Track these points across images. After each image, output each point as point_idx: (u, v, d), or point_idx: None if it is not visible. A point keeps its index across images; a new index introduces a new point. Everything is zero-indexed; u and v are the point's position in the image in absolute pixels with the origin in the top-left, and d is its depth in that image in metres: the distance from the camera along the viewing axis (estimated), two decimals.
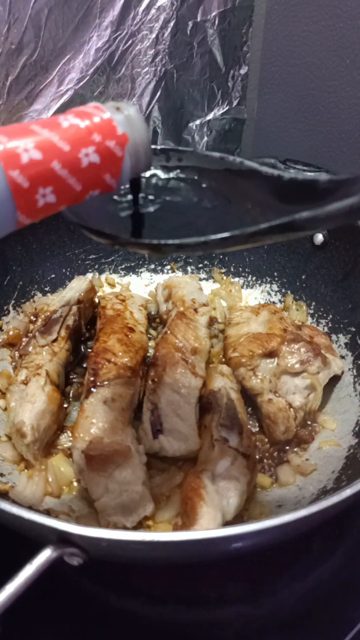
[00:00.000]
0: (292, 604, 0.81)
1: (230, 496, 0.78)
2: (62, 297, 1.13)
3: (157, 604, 0.81)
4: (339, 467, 0.90)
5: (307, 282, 1.22)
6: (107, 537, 0.59)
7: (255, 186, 0.63)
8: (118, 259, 1.34)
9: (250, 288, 1.32)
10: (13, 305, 1.18)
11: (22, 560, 0.59)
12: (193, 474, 0.79)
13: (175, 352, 1.00)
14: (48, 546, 0.60)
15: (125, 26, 1.27)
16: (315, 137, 1.42)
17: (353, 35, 1.25)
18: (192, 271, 1.36)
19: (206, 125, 1.51)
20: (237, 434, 0.87)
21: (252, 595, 0.82)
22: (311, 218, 0.53)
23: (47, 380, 0.94)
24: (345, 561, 0.85)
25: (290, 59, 1.39)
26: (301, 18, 1.33)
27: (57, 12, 1.17)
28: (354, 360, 1.06)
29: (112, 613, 0.79)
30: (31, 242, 1.21)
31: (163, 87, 1.39)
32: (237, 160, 0.65)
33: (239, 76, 1.49)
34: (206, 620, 0.80)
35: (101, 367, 0.94)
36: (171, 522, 0.83)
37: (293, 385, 0.98)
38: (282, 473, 0.91)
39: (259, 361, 1.00)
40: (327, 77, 1.33)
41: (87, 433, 0.84)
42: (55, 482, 0.87)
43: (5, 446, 0.92)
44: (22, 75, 1.19)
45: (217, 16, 1.38)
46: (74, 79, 1.25)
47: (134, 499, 0.80)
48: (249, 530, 0.60)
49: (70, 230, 1.27)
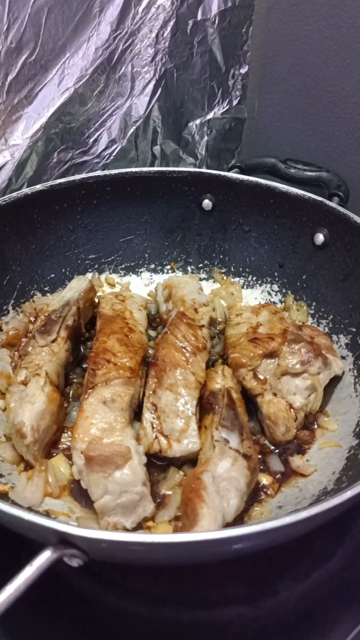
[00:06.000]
0: (293, 605, 0.80)
1: (231, 497, 0.78)
2: (62, 297, 1.13)
3: (157, 604, 0.81)
4: (340, 468, 0.90)
5: (308, 282, 1.22)
6: (107, 538, 0.59)
7: None
8: (118, 258, 1.34)
9: (250, 288, 1.31)
10: (12, 305, 1.18)
11: (22, 562, 0.59)
12: (193, 475, 0.79)
13: (175, 352, 0.99)
14: (48, 547, 0.60)
15: (125, 25, 1.27)
16: (315, 137, 1.42)
17: (354, 34, 1.25)
18: (192, 271, 1.36)
19: (206, 125, 1.51)
20: (237, 434, 0.86)
21: (252, 596, 0.82)
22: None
23: (47, 381, 0.94)
24: (345, 562, 0.85)
25: (290, 58, 1.39)
26: (302, 17, 1.32)
27: (56, 11, 1.17)
28: (354, 361, 1.06)
29: (112, 614, 0.79)
30: (31, 242, 1.21)
31: (163, 86, 1.39)
32: None
33: (239, 75, 1.49)
34: (206, 621, 0.80)
35: (101, 368, 0.94)
36: (171, 523, 0.83)
37: (293, 385, 0.98)
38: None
39: (259, 361, 1.00)
40: (328, 76, 1.33)
41: (87, 433, 0.84)
42: (55, 482, 0.87)
43: (4, 447, 0.92)
44: (21, 75, 1.19)
45: (218, 15, 1.37)
46: (73, 78, 1.25)
47: (134, 500, 0.80)
48: (249, 532, 0.60)
49: (70, 230, 1.27)
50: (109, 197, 1.28)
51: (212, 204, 1.30)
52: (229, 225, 1.32)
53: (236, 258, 1.33)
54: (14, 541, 0.71)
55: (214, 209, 1.31)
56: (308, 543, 0.87)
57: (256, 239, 1.29)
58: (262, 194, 1.24)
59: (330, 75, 1.33)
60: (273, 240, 1.27)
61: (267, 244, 1.28)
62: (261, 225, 1.28)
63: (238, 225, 1.31)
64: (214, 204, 1.30)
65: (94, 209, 1.28)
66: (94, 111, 1.32)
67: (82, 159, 1.37)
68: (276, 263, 1.27)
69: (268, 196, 1.23)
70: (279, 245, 1.26)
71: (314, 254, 1.19)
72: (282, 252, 1.26)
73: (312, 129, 1.42)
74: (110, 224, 1.31)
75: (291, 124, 1.46)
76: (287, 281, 1.26)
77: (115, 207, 1.30)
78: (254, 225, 1.29)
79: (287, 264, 1.26)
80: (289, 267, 1.25)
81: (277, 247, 1.27)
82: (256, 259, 1.30)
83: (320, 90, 1.36)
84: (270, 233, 1.27)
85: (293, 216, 1.22)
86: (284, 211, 1.23)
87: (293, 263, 1.25)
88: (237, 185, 1.26)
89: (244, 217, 1.29)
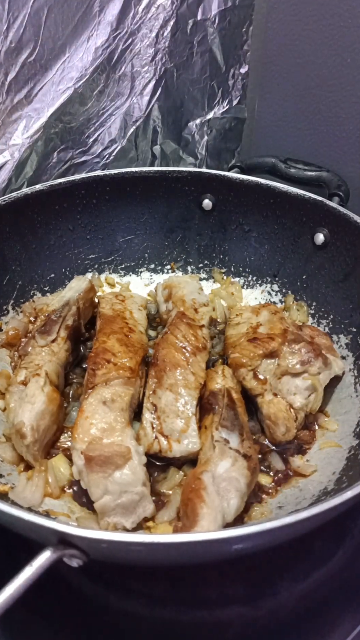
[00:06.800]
0: (293, 605, 0.80)
1: (231, 497, 0.78)
2: (62, 297, 1.13)
3: (157, 605, 0.81)
4: (340, 468, 0.89)
5: (308, 282, 1.22)
6: (107, 538, 0.59)
7: None
8: (118, 258, 1.34)
9: (250, 288, 1.31)
10: (12, 305, 1.17)
11: (22, 562, 0.59)
12: (193, 475, 0.79)
13: (175, 352, 0.99)
14: (48, 548, 0.60)
15: (125, 25, 1.27)
16: (315, 136, 1.42)
17: (354, 34, 1.25)
18: (192, 271, 1.36)
19: (206, 125, 1.51)
20: (237, 434, 0.86)
21: (252, 597, 0.82)
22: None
23: (47, 381, 0.94)
24: (346, 562, 0.85)
25: (291, 57, 1.39)
26: (302, 17, 1.32)
27: (56, 11, 1.17)
28: (354, 361, 1.06)
29: (112, 614, 0.79)
30: (30, 242, 1.21)
31: (163, 86, 1.38)
32: None
33: (240, 75, 1.49)
34: (206, 621, 0.80)
35: (101, 368, 0.94)
36: (171, 523, 0.83)
37: (294, 385, 0.98)
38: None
39: (259, 361, 1.00)
40: (328, 76, 1.33)
41: (87, 434, 0.84)
42: (55, 482, 0.87)
43: (5, 447, 0.92)
44: (21, 74, 1.19)
45: (218, 15, 1.37)
46: (73, 77, 1.25)
47: (134, 500, 0.80)
48: (249, 532, 0.60)
49: (70, 230, 1.27)
50: (108, 197, 1.28)
51: (212, 204, 1.30)
52: (229, 225, 1.31)
53: (236, 258, 1.33)
54: (14, 541, 0.71)
55: (214, 209, 1.31)
56: (308, 543, 0.86)
57: (256, 239, 1.29)
58: (262, 193, 1.24)
59: (330, 75, 1.33)
60: (273, 240, 1.27)
61: (267, 244, 1.28)
62: (261, 225, 1.27)
63: (238, 225, 1.31)
64: (214, 203, 1.30)
65: (94, 209, 1.28)
66: (94, 111, 1.32)
67: (82, 158, 1.37)
68: (276, 263, 1.27)
69: (268, 196, 1.23)
70: (279, 245, 1.26)
71: (314, 254, 1.19)
72: (282, 252, 1.26)
73: (312, 129, 1.42)
74: (110, 223, 1.31)
75: (291, 124, 1.46)
76: (287, 281, 1.26)
77: (115, 207, 1.30)
78: (254, 225, 1.29)
79: (287, 263, 1.26)
80: (289, 267, 1.25)
81: (277, 247, 1.27)
82: (256, 259, 1.30)
83: (320, 90, 1.36)
84: (271, 233, 1.27)
85: (293, 216, 1.22)
86: (284, 211, 1.23)
87: (293, 263, 1.24)
88: (237, 185, 1.26)
89: (244, 217, 1.29)
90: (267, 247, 1.28)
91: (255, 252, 1.30)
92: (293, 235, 1.23)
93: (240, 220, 1.30)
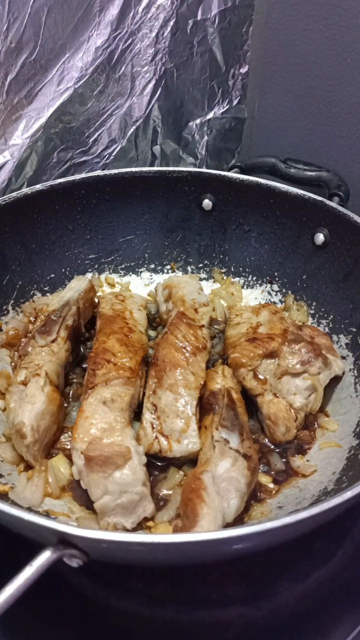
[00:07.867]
0: (293, 605, 0.80)
1: (231, 497, 0.78)
2: (62, 297, 1.13)
3: (157, 605, 0.81)
4: (340, 468, 0.89)
5: (308, 282, 1.22)
6: (107, 538, 0.59)
7: None
8: (118, 258, 1.34)
9: (250, 288, 1.31)
10: (12, 305, 1.17)
11: (22, 562, 0.59)
12: (193, 475, 0.79)
13: (175, 352, 0.99)
14: (48, 548, 0.60)
15: (125, 25, 1.27)
16: (315, 136, 1.42)
17: (354, 34, 1.25)
18: (192, 271, 1.36)
19: (206, 125, 1.51)
20: (237, 435, 0.86)
21: (252, 597, 0.82)
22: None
23: (47, 381, 0.94)
24: (346, 562, 0.85)
25: (291, 57, 1.39)
26: (302, 17, 1.32)
27: (56, 11, 1.16)
28: (354, 361, 1.06)
29: (112, 614, 0.79)
30: (30, 242, 1.21)
31: (163, 86, 1.38)
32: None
33: (240, 75, 1.49)
34: (206, 621, 0.80)
35: (101, 368, 0.94)
36: (171, 523, 0.83)
37: (294, 385, 0.98)
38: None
39: (259, 361, 1.00)
40: (328, 76, 1.33)
41: (87, 434, 0.84)
42: (55, 483, 0.87)
43: (5, 447, 0.92)
44: (21, 74, 1.19)
45: (218, 15, 1.37)
46: (73, 77, 1.25)
47: (134, 500, 0.80)
48: (249, 532, 0.60)
49: (70, 230, 1.27)
50: (108, 197, 1.28)
51: (212, 204, 1.30)
52: (229, 225, 1.32)
53: (236, 258, 1.33)
54: (14, 541, 0.71)
55: (214, 209, 1.31)
56: (308, 543, 0.86)
57: (256, 239, 1.29)
58: (262, 193, 1.24)
59: (330, 75, 1.33)
60: (273, 240, 1.27)
61: (267, 244, 1.28)
62: (261, 225, 1.27)
63: (238, 225, 1.31)
64: (214, 203, 1.30)
65: (93, 209, 1.28)
66: (94, 111, 1.32)
67: (82, 158, 1.37)
68: (276, 263, 1.27)
69: (268, 196, 1.23)
70: (279, 245, 1.26)
71: (314, 254, 1.19)
72: (282, 252, 1.26)
73: (312, 129, 1.42)
74: (110, 223, 1.31)
75: (291, 124, 1.46)
76: (287, 281, 1.26)
77: (115, 207, 1.30)
78: (254, 225, 1.29)
79: (287, 263, 1.26)
80: (289, 267, 1.25)
81: (277, 247, 1.27)
82: (256, 259, 1.30)
83: (320, 90, 1.36)
84: (271, 233, 1.27)
85: (293, 216, 1.22)
86: (284, 211, 1.23)
87: (293, 263, 1.24)
88: (237, 185, 1.26)
89: (244, 217, 1.29)
90: (267, 247, 1.28)
91: (255, 252, 1.30)
92: (293, 235, 1.23)
93: (240, 220, 1.30)
